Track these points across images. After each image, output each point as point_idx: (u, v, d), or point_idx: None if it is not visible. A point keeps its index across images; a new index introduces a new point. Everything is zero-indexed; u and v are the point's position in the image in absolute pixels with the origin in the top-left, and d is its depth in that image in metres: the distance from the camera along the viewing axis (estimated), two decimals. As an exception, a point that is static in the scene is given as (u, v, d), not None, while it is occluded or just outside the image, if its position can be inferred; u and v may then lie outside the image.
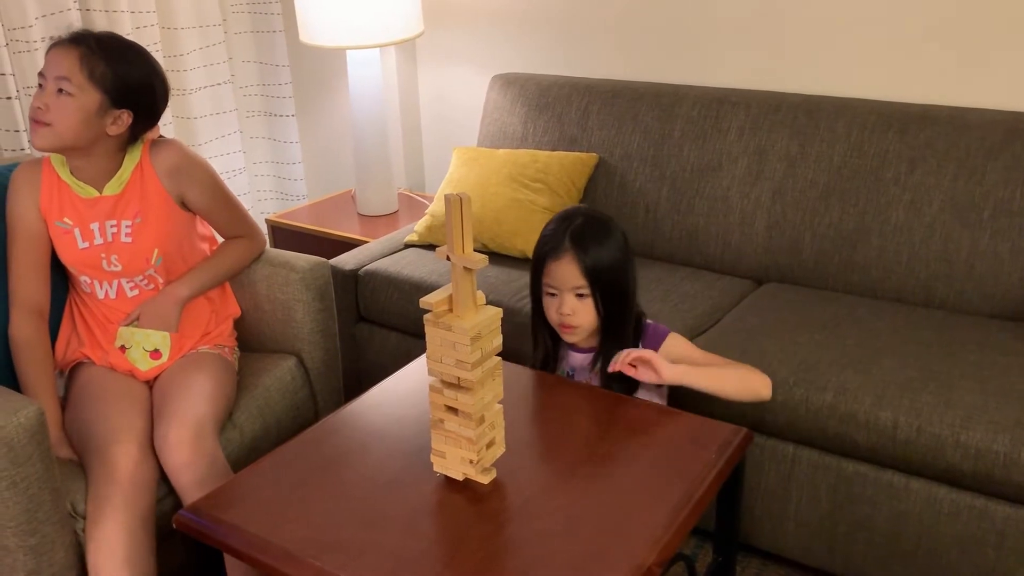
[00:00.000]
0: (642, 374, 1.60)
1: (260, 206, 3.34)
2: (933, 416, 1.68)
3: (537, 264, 1.69)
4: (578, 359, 1.74)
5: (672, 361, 1.63)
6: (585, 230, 1.64)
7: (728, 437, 1.49)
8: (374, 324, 2.45)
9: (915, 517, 1.73)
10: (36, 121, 1.69)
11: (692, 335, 2.02)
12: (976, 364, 1.79)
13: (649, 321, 1.74)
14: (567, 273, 1.63)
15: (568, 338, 1.69)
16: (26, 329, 1.78)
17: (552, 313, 1.67)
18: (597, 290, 1.63)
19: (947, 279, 2.07)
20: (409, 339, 2.37)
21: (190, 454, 1.64)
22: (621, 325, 1.68)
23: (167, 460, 1.65)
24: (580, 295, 1.64)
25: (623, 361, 1.61)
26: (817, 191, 2.21)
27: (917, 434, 1.68)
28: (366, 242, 2.62)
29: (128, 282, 1.85)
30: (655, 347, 1.68)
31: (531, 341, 1.79)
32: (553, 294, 1.67)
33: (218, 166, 3.02)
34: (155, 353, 1.84)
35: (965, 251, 2.05)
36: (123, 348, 1.83)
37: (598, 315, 1.65)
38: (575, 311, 1.64)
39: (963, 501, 1.68)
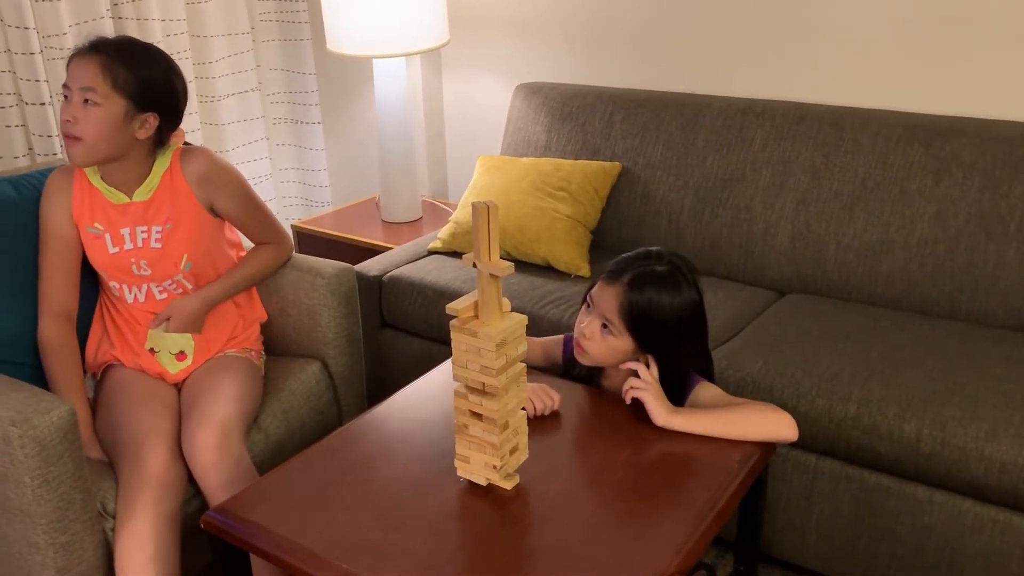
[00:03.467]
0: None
1: (285, 212, 3.38)
2: (957, 429, 1.67)
3: (598, 277, 1.62)
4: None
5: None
6: (654, 280, 1.54)
7: (750, 447, 1.49)
8: (397, 330, 2.47)
9: (938, 530, 1.72)
10: (68, 136, 1.71)
11: (714, 345, 2.02)
12: (1001, 377, 1.78)
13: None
14: (608, 301, 1.56)
15: (579, 357, 1.64)
16: (55, 332, 1.81)
17: (577, 324, 1.63)
18: (632, 336, 1.55)
19: (972, 292, 2.06)
20: (432, 345, 2.38)
21: (217, 455, 1.67)
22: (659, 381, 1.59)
23: (194, 461, 1.67)
24: (606, 327, 1.57)
25: (627, 395, 1.56)
26: (841, 202, 2.21)
27: (941, 447, 1.67)
28: (390, 248, 2.64)
29: (157, 287, 1.87)
30: (682, 399, 1.61)
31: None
32: (589, 306, 1.62)
33: (245, 172, 3.04)
34: (180, 355, 1.87)
35: (991, 264, 2.04)
36: (152, 351, 1.86)
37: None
38: (592, 337, 1.58)
39: (987, 515, 1.67)
